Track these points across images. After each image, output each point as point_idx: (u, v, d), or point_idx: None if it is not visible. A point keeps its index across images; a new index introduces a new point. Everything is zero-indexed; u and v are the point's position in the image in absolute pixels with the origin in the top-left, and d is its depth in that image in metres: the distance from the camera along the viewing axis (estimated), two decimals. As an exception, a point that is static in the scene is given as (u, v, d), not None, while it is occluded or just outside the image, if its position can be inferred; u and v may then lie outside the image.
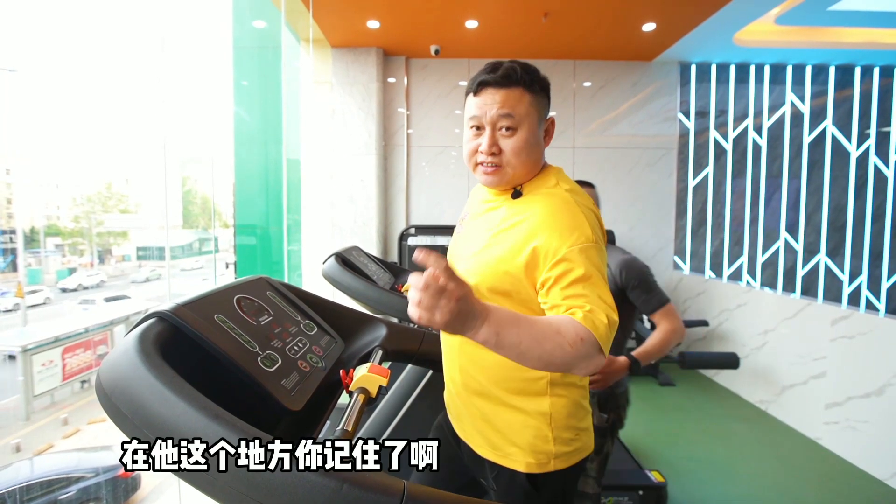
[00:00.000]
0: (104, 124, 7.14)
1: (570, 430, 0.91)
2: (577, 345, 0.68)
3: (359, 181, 4.05)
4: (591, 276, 0.75)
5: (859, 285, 4.50)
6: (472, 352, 0.93)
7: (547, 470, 0.89)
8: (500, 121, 0.85)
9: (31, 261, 8.22)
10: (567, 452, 0.90)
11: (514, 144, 0.86)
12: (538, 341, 0.68)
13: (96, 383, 0.63)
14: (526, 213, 0.85)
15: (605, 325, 0.71)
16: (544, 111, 0.90)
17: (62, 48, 5.96)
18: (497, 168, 0.88)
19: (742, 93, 4.44)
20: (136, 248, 9.87)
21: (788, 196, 4.49)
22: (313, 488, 0.53)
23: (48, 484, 4.02)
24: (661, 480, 1.97)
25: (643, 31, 3.61)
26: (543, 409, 0.88)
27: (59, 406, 5.79)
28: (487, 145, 0.86)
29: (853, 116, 4.40)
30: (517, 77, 0.85)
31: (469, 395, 0.95)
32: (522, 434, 0.89)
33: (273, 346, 0.87)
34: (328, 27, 3.64)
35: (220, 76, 3.03)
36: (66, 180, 9.15)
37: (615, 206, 4.38)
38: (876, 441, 2.41)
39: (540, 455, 0.89)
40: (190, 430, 0.56)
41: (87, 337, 6.57)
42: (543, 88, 0.89)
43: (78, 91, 6.91)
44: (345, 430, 0.74)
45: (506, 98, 0.84)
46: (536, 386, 0.89)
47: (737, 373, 3.42)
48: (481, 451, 0.95)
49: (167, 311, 0.76)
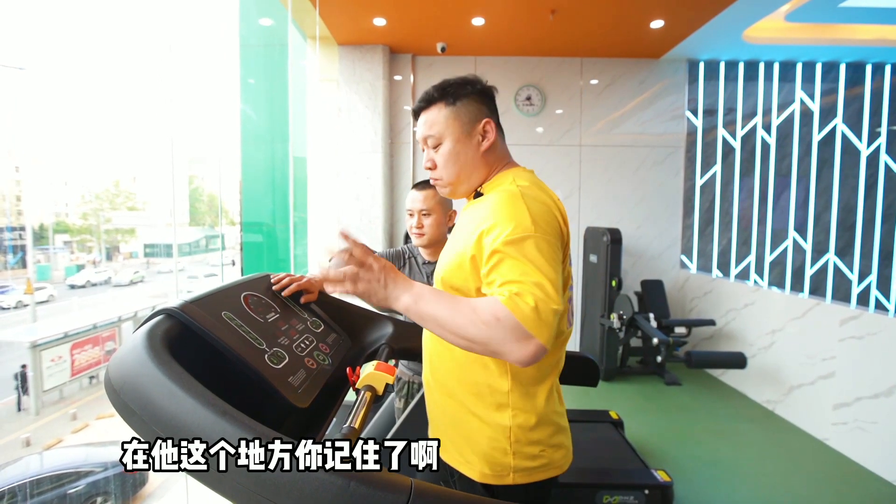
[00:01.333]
0: (112, 122, 7.20)
1: (535, 446, 0.88)
2: (492, 324, 0.69)
3: (365, 179, 4.05)
4: (524, 265, 0.75)
5: (868, 285, 4.44)
6: (437, 349, 0.95)
7: (505, 483, 0.88)
8: (427, 140, 0.96)
9: (39, 257, 8.31)
10: (529, 468, 0.88)
11: (442, 158, 0.95)
12: (453, 315, 0.73)
13: (105, 379, 0.64)
14: (478, 210, 0.89)
15: (532, 308, 0.69)
16: (473, 115, 0.94)
17: (70, 47, 6.01)
18: (437, 180, 0.98)
19: (751, 90, 4.39)
20: (143, 245, 9.96)
21: (797, 195, 4.44)
22: (321, 486, 0.53)
23: (57, 478, 4.07)
24: (668, 480, 1.96)
25: (651, 29, 3.57)
26: (503, 421, 0.87)
27: (67, 401, 5.86)
28: (425, 161, 0.98)
29: (864, 114, 4.34)
30: (430, 97, 0.95)
31: (440, 395, 0.96)
32: (480, 442, 0.89)
33: (280, 344, 0.87)
34: (335, 25, 3.64)
35: (227, 74, 3.04)
36: (75, 178, 9.24)
37: (622, 204, 4.36)
38: (885, 442, 2.38)
39: (496, 466, 0.88)
40: (197, 427, 0.56)
41: (96, 333, 6.64)
42: (464, 95, 0.93)
43: (86, 89, 6.96)
44: (352, 427, 0.74)
45: (426, 119, 0.95)
46: (497, 395, 0.88)
47: (744, 372, 3.39)
48: (444, 454, 0.95)
49: (175, 307, 0.76)
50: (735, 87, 4.38)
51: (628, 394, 3.51)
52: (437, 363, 0.95)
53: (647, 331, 3.38)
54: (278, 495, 0.53)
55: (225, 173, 4.54)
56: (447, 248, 0.97)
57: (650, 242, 4.40)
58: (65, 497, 3.98)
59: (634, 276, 4.31)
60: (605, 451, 2.26)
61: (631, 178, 4.35)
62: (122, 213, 9.67)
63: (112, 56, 6.93)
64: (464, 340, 0.73)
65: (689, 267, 4.45)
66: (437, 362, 0.95)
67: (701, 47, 4.00)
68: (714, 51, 4.12)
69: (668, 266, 4.41)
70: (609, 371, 3.71)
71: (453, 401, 0.92)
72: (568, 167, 4.31)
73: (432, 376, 0.97)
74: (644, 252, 4.41)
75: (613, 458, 2.20)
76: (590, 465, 2.12)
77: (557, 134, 4.30)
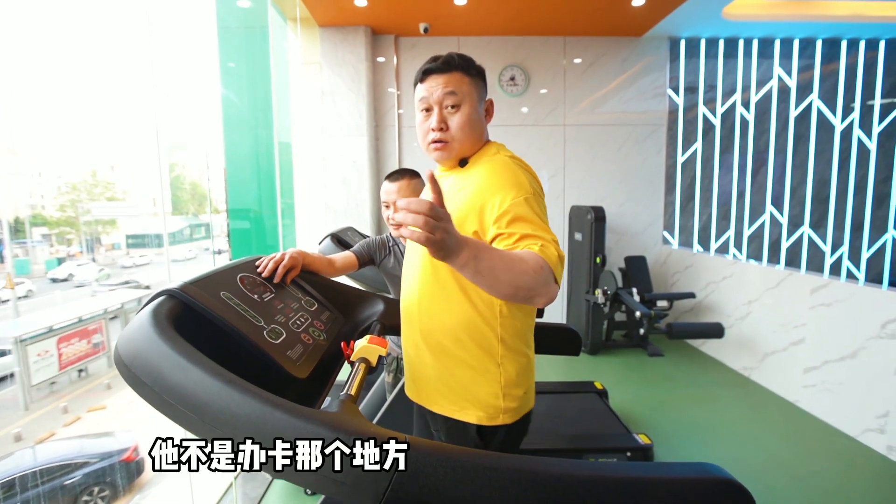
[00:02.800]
0: (87, 110, 6.96)
1: (519, 388, 1.01)
2: (539, 271, 0.78)
3: (351, 163, 4.04)
4: (534, 222, 0.86)
5: (841, 256, 4.63)
6: (431, 310, 1.01)
7: (496, 423, 1.00)
8: (445, 99, 0.97)
9: (17, 251, 8.09)
10: (514, 408, 1.01)
11: (460, 120, 0.98)
12: (508, 267, 0.77)
13: (115, 355, 0.68)
14: (471, 178, 0.96)
15: (556, 256, 0.82)
16: (483, 93, 1.03)
17: (35, 29, 5.75)
18: (445, 144, 0.99)
19: (731, 68, 4.45)
20: (125, 237, 9.75)
21: (774, 170, 4.57)
22: (325, 440, 0.58)
23: (53, 470, 4.08)
24: (648, 442, 2.09)
25: (633, 7, 3.59)
26: (494, 369, 0.99)
27: (57, 395, 5.83)
28: (437, 122, 0.98)
29: (838, 90, 4.44)
30: (456, 63, 0.98)
31: (432, 356, 1.03)
32: (475, 390, 0.99)
33: (277, 321, 0.92)
34: (315, 5, 3.57)
35: (206, 58, 2.98)
36: (49, 168, 8.95)
37: (605, 182, 4.43)
38: (849, 401, 2.55)
39: (490, 409, 0.99)
40: (206, 395, 0.61)
41: (82, 326, 6.57)
42: (479, 73, 1.02)
43: (56, 75, 6.71)
44: (349, 394, 0.80)
45: (448, 80, 0.97)
46: (491, 348, 0.98)
47: (722, 342, 3.55)
48: (436, 408, 1.04)
49: (176, 288, 0.80)
50: (715, 65, 4.44)
51: (613, 366, 3.65)
52: (430, 327, 1.02)
53: (631, 305, 3.50)
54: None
55: (208, 160, 4.48)
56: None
57: (633, 219, 4.50)
58: (61, 488, 4.00)
59: (618, 253, 4.42)
60: (590, 419, 2.38)
61: (614, 156, 4.42)
62: (101, 204, 9.42)
63: (83, 39, 6.67)
64: (513, 289, 0.77)
65: (670, 242, 4.58)
66: (430, 326, 1.02)
67: (682, 25, 4.03)
68: (695, 28, 4.15)
69: (651, 242, 4.52)
70: (594, 345, 3.84)
71: (448, 358, 1.00)
72: (553, 147, 4.35)
73: (423, 341, 1.03)
74: (627, 229, 4.51)
75: (598, 424, 2.31)
76: (575, 431, 2.23)
77: (542, 114, 4.33)
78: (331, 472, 0.57)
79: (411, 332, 1.07)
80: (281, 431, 0.58)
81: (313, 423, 0.59)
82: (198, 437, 0.61)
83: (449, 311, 0.98)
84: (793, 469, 2.24)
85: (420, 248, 1.00)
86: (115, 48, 6.96)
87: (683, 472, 0.63)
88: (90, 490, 4.13)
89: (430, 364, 1.04)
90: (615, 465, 0.62)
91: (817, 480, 2.15)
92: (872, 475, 2.20)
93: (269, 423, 0.58)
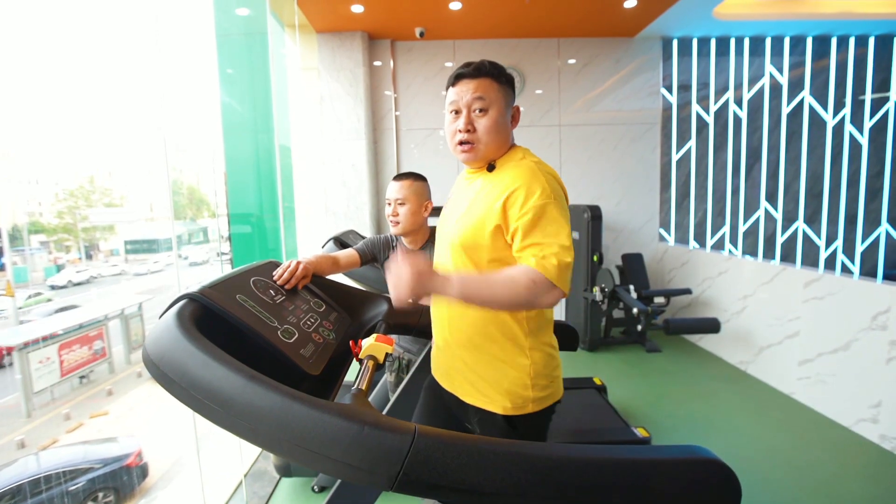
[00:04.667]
0: (83, 116, 6.99)
1: (546, 378, 1.06)
2: (531, 286, 0.88)
3: (350, 166, 4.09)
4: (547, 228, 0.93)
5: (835, 250, 4.70)
6: (457, 313, 1.07)
7: (524, 412, 1.05)
8: (474, 103, 1.03)
9: (16, 259, 8.10)
10: (542, 397, 1.06)
11: (486, 123, 1.03)
12: (497, 292, 0.89)
13: (143, 355, 0.73)
14: (498, 180, 1.03)
15: (555, 266, 0.89)
16: (510, 99, 1.08)
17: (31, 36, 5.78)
18: (472, 146, 1.05)
19: (723, 66, 4.52)
20: (123, 242, 9.77)
21: (768, 166, 4.63)
22: (339, 430, 0.63)
23: (57, 477, 4.11)
24: (646, 435, 2.14)
25: (625, 8, 3.65)
26: (524, 361, 1.04)
27: (59, 402, 5.86)
28: (464, 124, 1.04)
29: (829, 86, 4.51)
30: (486, 70, 1.04)
31: (458, 349, 1.09)
32: (504, 381, 1.04)
33: (289, 322, 0.97)
34: (312, 12, 3.62)
35: (205, 65, 3.02)
36: (46, 176, 8.96)
37: (601, 181, 4.49)
38: (842, 392, 2.61)
39: (518, 399, 1.04)
40: (231, 390, 0.66)
41: (83, 333, 6.59)
42: (508, 81, 1.07)
43: (53, 81, 6.73)
44: (359, 388, 0.85)
45: (478, 86, 1.03)
46: (518, 340, 1.04)
47: (719, 337, 3.60)
48: (467, 398, 1.09)
49: (195, 292, 0.85)
50: (708, 63, 4.50)
51: (611, 362, 3.70)
52: (458, 324, 1.07)
53: (628, 302, 3.55)
54: (305, 440, 0.63)
55: (207, 164, 4.52)
56: (454, 214, 1.10)
57: (630, 217, 4.56)
58: (66, 494, 4.02)
59: (615, 251, 4.48)
60: (589, 414, 2.43)
61: (609, 155, 4.47)
62: (99, 210, 9.44)
63: (80, 44, 6.70)
64: (507, 307, 0.90)
65: (667, 240, 4.64)
66: (458, 324, 1.07)
67: (674, 25, 4.10)
68: (687, 28, 4.22)
69: (647, 239, 4.58)
70: (593, 342, 3.90)
71: (478, 352, 1.06)
72: (548, 147, 4.41)
73: (452, 336, 1.09)
74: (624, 227, 4.57)
75: (596, 419, 2.36)
76: (574, 425, 2.28)
77: (537, 115, 4.38)
78: (348, 458, 0.62)
79: (441, 327, 1.13)
80: (302, 422, 0.63)
81: (331, 414, 0.63)
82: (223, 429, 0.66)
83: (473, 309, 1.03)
84: (789, 459, 2.30)
85: (448, 245, 1.07)
86: (110, 54, 6.99)
87: (673, 453, 0.68)
88: (95, 495, 4.15)
89: (460, 357, 1.09)
90: (609, 448, 0.67)
91: (813, 470, 2.20)
92: (866, 464, 2.26)
93: (290, 415, 0.63)
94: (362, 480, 0.62)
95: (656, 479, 0.65)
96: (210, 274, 1.02)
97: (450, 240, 1.06)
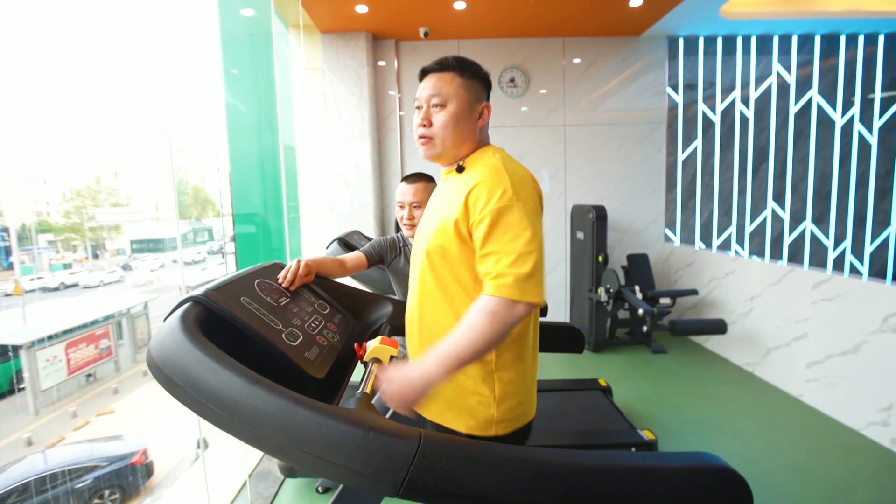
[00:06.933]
0: (90, 117, 7.04)
1: (513, 399, 1.00)
2: (493, 318, 0.85)
3: (354, 166, 4.09)
4: (505, 233, 0.88)
5: (844, 251, 4.64)
6: (431, 322, 1.03)
7: (488, 434, 0.98)
8: (431, 98, 1.01)
9: (24, 258, 8.17)
10: (509, 419, 0.99)
11: (443, 118, 1.01)
12: (468, 341, 0.85)
13: (147, 358, 0.72)
14: (464, 181, 0.99)
15: (510, 283, 0.85)
16: (478, 95, 1.04)
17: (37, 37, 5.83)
18: (428, 139, 1.02)
19: (729, 65, 4.47)
20: (129, 242, 9.84)
21: (775, 166, 4.59)
22: (345, 435, 0.63)
23: (63, 474, 4.14)
24: (653, 438, 2.12)
25: (630, 7, 3.62)
26: (491, 379, 0.98)
27: (66, 400, 5.90)
28: (421, 118, 1.02)
29: (838, 85, 4.46)
30: (449, 64, 1.02)
31: None
32: (468, 399, 0.99)
33: (294, 324, 0.96)
34: (317, 13, 3.62)
35: (209, 65, 3.03)
36: (53, 175, 9.04)
37: (606, 181, 4.46)
38: (852, 395, 2.57)
39: (481, 420, 0.98)
40: (235, 394, 0.65)
41: (90, 331, 6.63)
42: (476, 75, 1.04)
43: (58, 80, 6.78)
44: (364, 392, 0.84)
45: (438, 80, 1.01)
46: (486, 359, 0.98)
47: (725, 338, 3.57)
48: (428, 414, 1.05)
49: (200, 295, 0.84)
50: (714, 62, 4.46)
51: (616, 363, 3.68)
52: (427, 336, 1.03)
53: (633, 302, 3.53)
54: (309, 445, 0.63)
55: (212, 164, 4.53)
56: (427, 220, 1.05)
57: (635, 218, 4.53)
58: (72, 492, 4.05)
59: (621, 251, 4.45)
60: (595, 416, 2.41)
61: (615, 155, 4.45)
62: (105, 210, 9.51)
63: (85, 45, 6.74)
64: (491, 344, 0.86)
65: (672, 240, 4.60)
66: (427, 335, 1.03)
67: (680, 24, 4.06)
68: (693, 27, 4.18)
69: (653, 240, 4.55)
70: (598, 343, 3.87)
71: None
72: (553, 147, 4.38)
73: (420, 348, 1.05)
74: (629, 227, 4.54)
75: (602, 421, 2.35)
76: (580, 428, 2.26)
77: (542, 114, 4.36)
78: (352, 463, 0.61)
79: (413, 340, 1.09)
80: (306, 427, 0.62)
81: (335, 419, 0.63)
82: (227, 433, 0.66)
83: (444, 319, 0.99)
84: (797, 463, 2.27)
85: (420, 257, 1.03)
86: (115, 55, 7.04)
87: (682, 461, 0.66)
88: (101, 493, 4.18)
89: None
90: (618, 454, 0.66)
91: (822, 474, 2.17)
92: (877, 468, 2.22)
93: (294, 419, 0.63)
94: (367, 486, 0.61)
95: (665, 488, 0.64)
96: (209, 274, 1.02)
97: (424, 247, 1.01)
